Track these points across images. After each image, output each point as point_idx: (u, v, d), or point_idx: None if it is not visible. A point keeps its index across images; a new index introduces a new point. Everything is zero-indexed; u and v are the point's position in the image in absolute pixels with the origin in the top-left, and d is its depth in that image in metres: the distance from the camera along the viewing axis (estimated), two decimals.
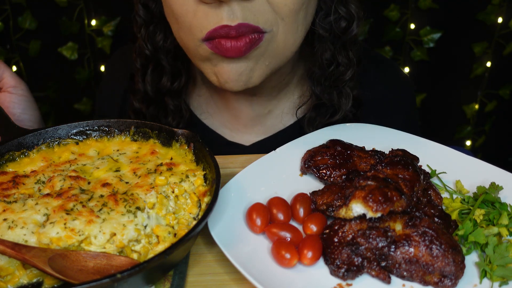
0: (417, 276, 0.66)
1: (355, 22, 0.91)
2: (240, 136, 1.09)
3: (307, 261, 0.68)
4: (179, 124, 1.04)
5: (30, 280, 0.65)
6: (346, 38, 0.93)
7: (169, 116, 1.03)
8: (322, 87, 0.98)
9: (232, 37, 0.78)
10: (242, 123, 1.08)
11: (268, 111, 1.07)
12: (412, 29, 2.26)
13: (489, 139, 2.55)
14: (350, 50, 0.95)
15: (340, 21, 0.91)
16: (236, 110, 1.06)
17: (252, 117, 1.07)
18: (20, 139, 0.82)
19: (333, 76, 0.96)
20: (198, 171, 0.78)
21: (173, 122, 1.03)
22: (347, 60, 0.95)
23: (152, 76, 1.00)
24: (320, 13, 0.90)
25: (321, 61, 0.95)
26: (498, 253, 0.68)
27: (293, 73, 1.04)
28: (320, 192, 0.79)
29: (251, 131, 1.09)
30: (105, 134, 0.87)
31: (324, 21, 0.91)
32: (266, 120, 1.08)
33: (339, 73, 0.96)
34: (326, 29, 0.91)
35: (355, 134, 0.95)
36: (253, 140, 1.09)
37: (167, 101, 1.02)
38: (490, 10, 2.19)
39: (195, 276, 0.70)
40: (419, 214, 0.71)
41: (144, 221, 0.68)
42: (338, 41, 0.93)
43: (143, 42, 0.98)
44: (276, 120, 1.08)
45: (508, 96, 2.41)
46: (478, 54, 2.30)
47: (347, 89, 0.98)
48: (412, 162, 0.79)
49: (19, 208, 0.68)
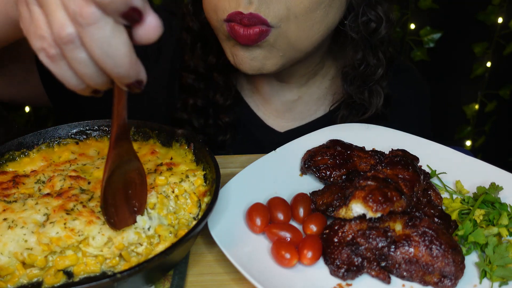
0: (417, 276, 0.66)
1: (384, 24, 0.94)
2: (273, 121, 1.12)
3: (307, 261, 0.68)
4: (227, 100, 1.06)
5: (30, 280, 0.65)
6: (374, 39, 0.95)
7: (218, 92, 1.06)
8: (354, 86, 1.01)
9: (245, 25, 0.83)
10: (274, 108, 1.11)
11: (298, 97, 1.10)
12: (412, 29, 2.26)
13: (489, 139, 2.54)
14: (380, 51, 0.98)
15: (369, 24, 0.94)
16: (268, 95, 1.10)
17: (283, 102, 1.10)
18: (20, 139, 0.82)
19: (364, 75, 0.99)
20: (198, 171, 0.78)
21: (220, 98, 1.05)
22: (376, 61, 0.98)
23: (201, 52, 1.03)
24: (351, 15, 0.93)
25: (352, 61, 0.98)
26: (498, 254, 0.68)
27: (322, 63, 1.07)
28: (320, 192, 0.79)
29: (282, 116, 1.12)
30: (105, 134, 0.87)
31: (354, 23, 0.93)
32: (296, 106, 1.11)
33: (369, 72, 0.99)
34: (356, 31, 0.94)
35: (355, 134, 0.95)
36: (286, 126, 1.12)
37: (216, 77, 1.05)
38: (490, 10, 2.19)
39: (195, 276, 0.70)
40: (419, 214, 0.71)
41: (146, 224, 0.68)
42: (368, 42, 0.96)
43: (190, 18, 1.01)
44: (306, 107, 1.12)
45: (508, 96, 2.41)
46: (478, 54, 2.30)
47: (378, 88, 1.01)
48: (412, 162, 0.79)
49: (19, 208, 0.68)
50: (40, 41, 0.50)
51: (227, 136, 1.08)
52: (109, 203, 0.64)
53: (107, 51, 0.48)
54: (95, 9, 0.46)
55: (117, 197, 0.65)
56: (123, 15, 0.47)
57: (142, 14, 0.49)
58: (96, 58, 0.49)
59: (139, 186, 0.67)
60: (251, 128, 1.11)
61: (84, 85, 0.54)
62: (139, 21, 0.49)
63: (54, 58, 0.51)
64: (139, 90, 0.54)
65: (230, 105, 1.07)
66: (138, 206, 0.68)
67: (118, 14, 0.47)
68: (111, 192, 0.64)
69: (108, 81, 0.54)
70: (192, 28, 1.02)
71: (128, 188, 0.66)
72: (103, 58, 0.49)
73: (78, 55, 0.50)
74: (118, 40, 0.48)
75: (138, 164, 0.67)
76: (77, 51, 0.49)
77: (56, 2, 0.48)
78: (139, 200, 0.68)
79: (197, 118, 1.06)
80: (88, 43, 0.48)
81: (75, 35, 0.48)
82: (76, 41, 0.49)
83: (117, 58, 0.49)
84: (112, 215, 0.65)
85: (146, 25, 0.49)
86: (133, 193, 0.67)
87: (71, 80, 0.53)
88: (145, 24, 0.49)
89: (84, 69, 0.51)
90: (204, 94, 1.06)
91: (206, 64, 1.04)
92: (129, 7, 0.47)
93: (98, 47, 0.48)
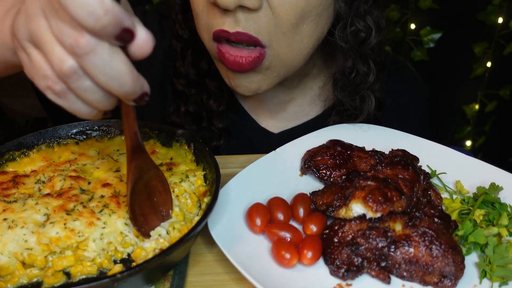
0: (417, 276, 0.66)
1: (373, 34, 0.92)
2: (267, 122, 1.12)
3: (307, 261, 0.68)
4: (220, 106, 1.06)
5: (30, 280, 0.65)
6: (364, 49, 0.94)
7: (211, 99, 1.05)
8: (345, 93, 1.00)
9: (233, 42, 0.81)
10: (267, 109, 1.11)
11: (291, 98, 1.10)
12: (412, 29, 2.26)
13: (489, 140, 2.54)
14: (371, 59, 0.97)
15: (359, 34, 0.92)
16: (260, 96, 1.09)
17: (276, 103, 1.10)
18: (20, 139, 0.82)
19: (354, 83, 0.98)
20: (198, 171, 0.78)
21: (214, 104, 1.05)
22: (367, 69, 0.97)
23: (192, 59, 1.03)
24: (339, 24, 0.91)
25: (342, 69, 0.97)
26: (498, 254, 0.68)
27: (312, 64, 1.06)
28: (320, 192, 0.79)
29: (275, 116, 1.11)
30: (105, 134, 0.87)
31: (343, 33, 0.91)
32: (289, 107, 1.11)
33: (360, 81, 0.98)
34: (345, 40, 0.92)
35: (355, 134, 0.95)
36: (279, 126, 1.12)
37: (209, 83, 1.04)
38: (490, 10, 2.19)
39: (195, 276, 0.70)
40: (419, 214, 0.71)
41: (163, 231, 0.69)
42: (357, 51, 0.95)
43: (180, 27, 1.00)
44: (300, 108, 1.11)
45: (508, 96, 2.41)
46: (478, 54, 2.30)
47: (369, 94, 1.00)
48: (412, 163, 0.79)
49: (19, 208, 0.68)
50: (44, 80, 0.52)
51: (221, 142, 1.07)
52: (137, 213, 0.66)
53: (110, 74, 0.50)
54: (89, 37, 0.48)
55: (144, 206, 0.68)
56: (116, 37, 0.49)
57: (133, 33, 0.50)
58: (101, 83, 0.51)
59: (163, 193, 0.70)
60: (245, 129, 1.11)
61: (95, 111, 0.55)
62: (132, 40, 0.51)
63: (61, 93, 0.53)
64: (145, 102, 0.56)
65: (224, 111, 1.06)
66: (165, 212, 0.70)
67: (112, 37, 0.48)
68: (137, 203, 0.66)
69: (116, 101, 0.55)
70: (182, 36, 1.01)
71: (153, 196, 0.69)
72: (108, 82, 0.50)
73: (83, 84, 0.51)
74: (117, 61, 0.50)
75: (157, 171, 0.69)
76: (82, 81, 0.51)
77: (51, 40, 0.50)
78: (165, 206, 0.70)
79: (189, 123, 1.05)
80: (91, 71, 0.50)
81: (76, 66, 0.50)
82: (78, 71, 0.50)
83: (120, 78, 0.51)
84: (142, 225, 0.67)
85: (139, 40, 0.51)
86: (158, 200, 0.69)
87: (82, 109, 0.55)
88: (138, 40, 0.51)
89: (91, 96, 0.52)
90: (197, 99, 1.05)
91: (197, 70, 1.03)
92: (121, 29, 0.48)
93: (100, 72, 0.50)
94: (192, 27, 0.98)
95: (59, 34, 0.49)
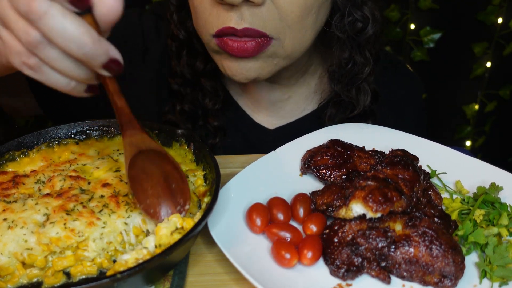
0: (417, 276, 0.66)
1: (370, 24, 0.93)
2: (262, 118, 1.13)
3: (307, 261, 0.68)
4: (216, 105, 1.06)
5: (30, 280, 0.65)
6: (361, 39, 0.95)
7: (207, 97, 1.05)
8: (342, 85, 1.01)
9: (239, 36, 0.82)
10: (263, 107, 1.11)
11: (287, 97, 1.10)
12: (412, 29, 2.26)
13: (489, 140, 2.54)
14: (367, 49, 0.97)
15: (356, 23, 0.93)
16: (257, 94, 1.09)
17: (272, 102, 1.10)
18: (20, 139, 0.82)
19: (350, 73, 0.99)
20: (198, 171, 0.78)
21: (209, 102, 1.05)
22: (363, 59, 0.98)
23: (187, 58, 1.03)
24: (336, 15, 0.92)
25: (339, 60, 0.98)
26: (498, 254, 0.68)
27: (310, 62, 1.07)
28: (320, 192, 0.79)
29: (272, 114, 1.12)
30: (105, 134, 0.87)
31: (340, 23, 0.92)
32: (285, 105, 1.12)
33: (356, 71, 0.99)
34: (342, 31, 0.93)
35: (355, 134, 0.95)
36: (275, 123, 1.12)
37: (204, 82, 1.04)
38: (490, 11, 2.19)
39: (195, 276, 0.70)
40: (419, 214, 0.71)
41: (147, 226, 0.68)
42: (354, 41, 0.95)
43: (175, 27, 1.01)
44: (296, 105, 1.12)
45: (508, 96, 2.41)
46: (478, 54, 2.30)
47: (365, 85, 1.01)
48: (412, 162, 0.79)
49: (19, 208, 0.68)
50: (18, 57, 0.55)
51: (217, 140, 1.08)
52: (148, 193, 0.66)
53: (66, 36, 0.52)
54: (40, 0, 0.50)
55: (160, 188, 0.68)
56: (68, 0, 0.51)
57: None
58: (62, 47, 0.53)
59: (180, 181, 0.69)
60: (241, 125, 1.11)
61: (73, 83, 0.57)
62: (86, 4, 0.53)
63: (35, 67, 0.55)
64: (118, 70, 0.57)
65: (219, 109, 1.06)
66: (182, 203, 0.69)
67: None
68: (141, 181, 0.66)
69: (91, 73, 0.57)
70: (177, 36, 1.01)
71: (170, 182, 0.68)
72: (66, 44, 0.52)
73: (50, 53, 0.53)
74: (71, 22, 0.52)
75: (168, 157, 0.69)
76: (48, 49, 0.53)
77: (13, 16, 0.53)
78: (183, 196, 0.69)
79: (185, 122, 1.06)
80: (49, 35, 0.52)
81: (39, 35, 0.52)
82: (43, 40, 0.52)
83: (77, 39, 0.52)
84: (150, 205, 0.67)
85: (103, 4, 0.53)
86: (176, 188, 0.69)
87: (59, 81, 0.57)
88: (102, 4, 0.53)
89: (62, 64, 0.54)
90: (192, 98, 1.06)
91: (193, 70, 1.03)
92: None
93: (57, 35, 0.52)
94: (187, 27, 0.99)
95: (16, 5, 0.51)
